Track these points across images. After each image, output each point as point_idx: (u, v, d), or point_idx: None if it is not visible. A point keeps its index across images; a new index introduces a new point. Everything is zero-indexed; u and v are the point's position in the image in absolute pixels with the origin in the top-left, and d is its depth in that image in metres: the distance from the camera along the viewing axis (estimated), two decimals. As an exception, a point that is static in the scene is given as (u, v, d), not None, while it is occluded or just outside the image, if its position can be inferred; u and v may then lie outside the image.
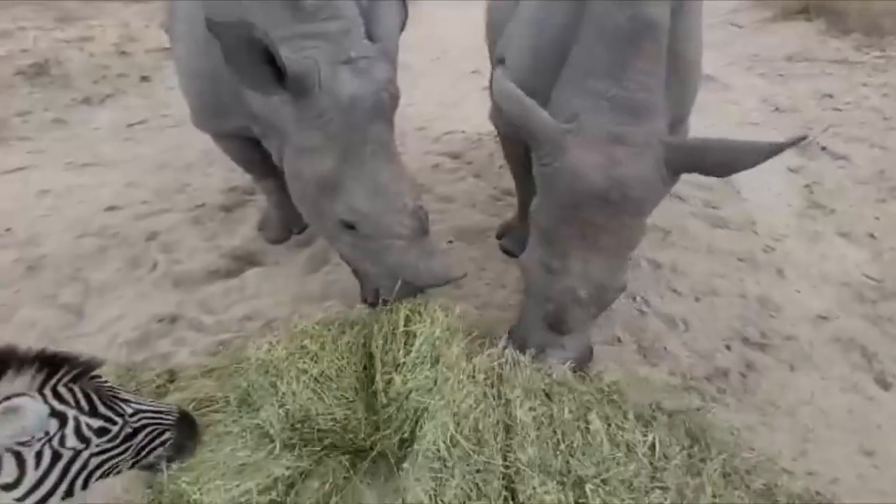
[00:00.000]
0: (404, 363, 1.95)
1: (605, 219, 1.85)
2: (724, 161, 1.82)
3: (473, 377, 1.98)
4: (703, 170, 1.85)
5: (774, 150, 1.77)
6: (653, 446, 1.90)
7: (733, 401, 2.46)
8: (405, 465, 1.78)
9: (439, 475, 1.69)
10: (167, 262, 3.06)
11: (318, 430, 1.89)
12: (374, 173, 2.04)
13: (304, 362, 1.96)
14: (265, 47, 1.73)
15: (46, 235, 3.21)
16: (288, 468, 1.81)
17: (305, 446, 1.89)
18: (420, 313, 2.11)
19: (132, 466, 1.61)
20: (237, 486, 1.68)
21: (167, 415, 1.66)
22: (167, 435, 1.65)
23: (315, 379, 1.93)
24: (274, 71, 1.81)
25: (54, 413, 1.35)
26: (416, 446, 1.78)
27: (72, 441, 1.37)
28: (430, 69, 6.02)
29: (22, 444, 1.30)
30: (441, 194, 3.84)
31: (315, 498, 1.82)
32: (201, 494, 1.64)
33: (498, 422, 1.90)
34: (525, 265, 2.19)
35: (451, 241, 3.38)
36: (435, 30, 7.42)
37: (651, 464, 1.86)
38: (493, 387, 2.02)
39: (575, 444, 1.86)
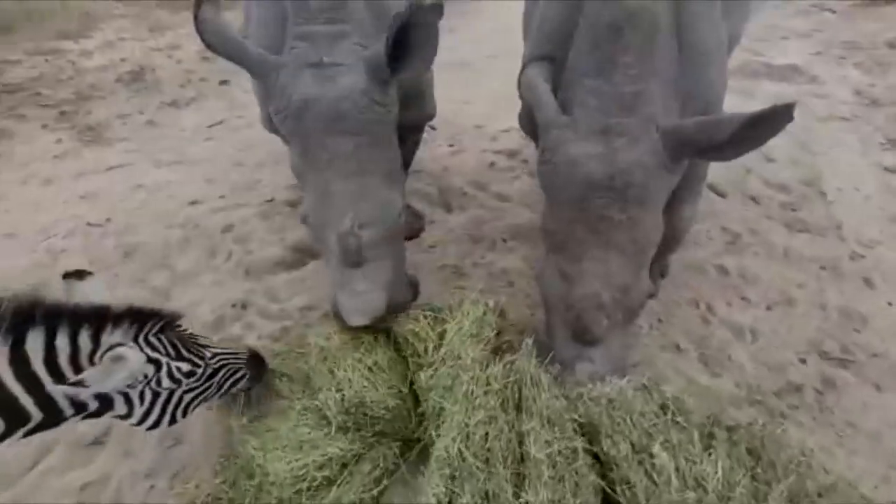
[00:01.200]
0: (431, 361, 1.98)
1: (612, 211, 1.82)
2: (706, 136, 1.73)
3: (489, 385, 1.85)
4: (699, 150, 1.78)
5: (752, 117, 1.61)
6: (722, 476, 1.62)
7: (807, 419, 2.28)
8: (424, 466, 1.79)
9: (449, 486, 1.64)
10: (240, 253, 3.32)
11: (371, 417, 1.98)
12: (324, 183, 1.96)
13: (360, 352, 2.06)
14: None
15: (140, 226, 3.58)
16: (342, 450, 1.91)
17: (359, 431, 1.99)
18: (451, 308, 2.14)
19: (218, 397, 1.87)
20: (297, 459, 1.81)
21: (240, 355, 1.89)
22: (242, 372, 1.89)
23: (369, 368, 2.03)
24: (244, 62, 1.95)
25: (150, 360, 1.56)
26: (433, 450, 1.77)
27: (166, 382, 1.60)
28: (488, 66, 6.02)
29: (129, 387, 1.53)
30: (496, 192, 3.84)
31: (366, 481, 1.93)
32: (266, 462, 1.79)
33: (509, 447, 1.72)
34: (540, 276, 2.10)
35: (504, 240, 3.39)
36: (495, 26, 7.39)
37: (718, 497, 1.60)
38: (509, 402, 1.84)
39: (636, 484, 1.60)
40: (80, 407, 1.49)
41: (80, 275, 1.61)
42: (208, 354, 1.76)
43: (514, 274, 3.08)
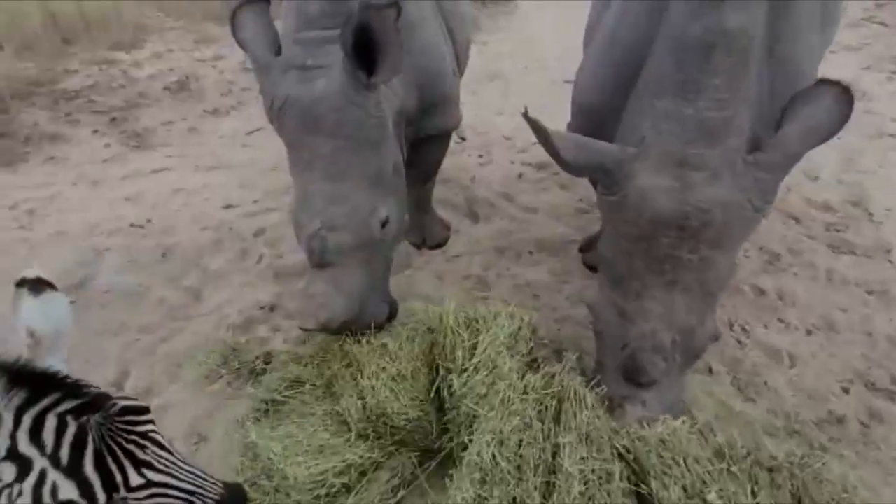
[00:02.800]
0: (465, 367, 1.96)
1: (683, 252, 1.64)
2: (806, 139, 1.62)
3: (525, 394, 1.82)
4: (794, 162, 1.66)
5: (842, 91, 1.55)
6: None
7: (850, 453, 2.14)
8: (454, 471, 1.78)
9: (480, 491, 1.63)
10: (270, 256, 3.40)
11: (392, 427, 1.98)
12: (303, 183, 1.98)
13: (384, 360, 2.07)
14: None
15: (177, 227, 3.73)
16: (361, 457, 1.91)
17: (379, 439, 1.99)
18: (485, 318, 2.11)
19: None
20: (316, 464, 1.82)
21: (202, 497, 1.09)
22: None
23: (393, 378, 2.02)
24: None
25: (15, 455, 0.93)
26: (464, 454, 1.77)
27: (26, 502, 0.93)
28: (521, 77, 6.02)
29: None
30: (524, 204, 3.82)
31: (383, 489, 1.92)
32: (286, 466, 1.80)
33: (542, 456, 1.69)
34: (595, 308, 1.97)
35: (531, 252, 3.35)
36: (529, 37, 7.41)
37: None
38: (547, 412, 1.80)
39: None
40: None
41: (37, 285, 1.14)
42: (135, 482, 0.99)
43: (540, 287, 3.04)
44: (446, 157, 3.20)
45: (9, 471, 0.93)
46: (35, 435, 0.94)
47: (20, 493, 0.93)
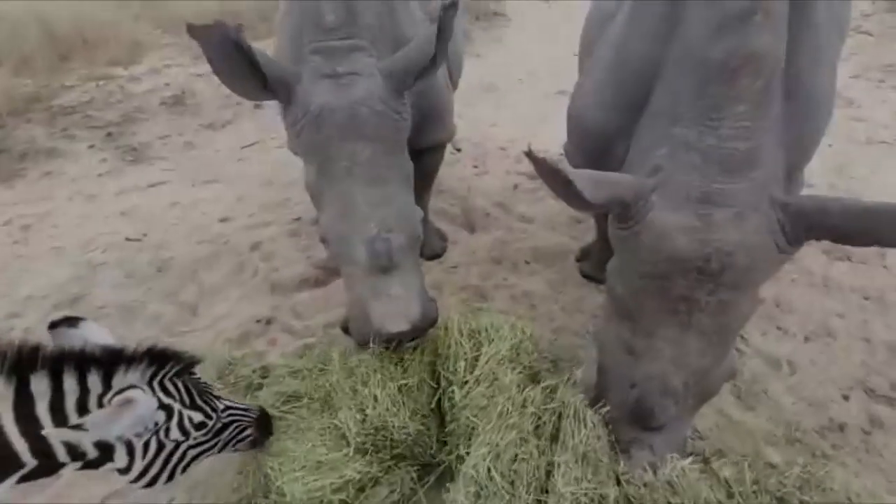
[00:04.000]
0: (466, 379, 1.94)
1: (701, 294, 1.48)
2: (860, 230, 1.38)
3: (524, 407, 1.78)
4: (835, 238, 1.45)
5: None
6: None
7: (852, 461, 2.13)
8: (451, 484, 1.76)
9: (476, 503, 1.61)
10: (267, 269, 3.39)
11: (392, 440, 1.95)
12: (343, 192, 1.94)
13: (386, 371, 2.05)
14: (245, 51, 1.73)
15: (173, 242, 3.72)
16: (359, 472, 1.88)
17: (377, 453, 1.96)
18: (487, 330, 2.09)
19: (217, 453, 1.70)
20: (314, 480, 1.78)
21: (249, 412, 1.75)
22: (248, 431, 1.74)
23: (398, 389, 2.00)
24: (259, 76, 1.84)
25: (162, 406, 1.44)
26: (462, 467, 1.74)
27: (175, 433, 1.47)
28: (515, 89, 6.08)
29: (138, 434, 1.40)
30: (520, 214, 3.83)
31: (382, 505, 1.88)
32: (283, 483, 1.77)
33: (536, 473, 1.65)
34: (601, 340, 1.84)
35: (527, 262, 3.35)
36: (522, 49, 7.50)
37: None
38: (545, 428, 1.76)
39: None
40: (77, 455, 1.36)
41: (71, 322, 1.47)
42: (221, 406, 1.63)
43: (537, 297, 3.04)
44: (442, 168, 3.22)
45: (161, 416, 1.45)
46: (166, 392, 1.47)
47: (168, 430, 1.47)
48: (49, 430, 1.28)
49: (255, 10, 7.42)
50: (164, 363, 1.47)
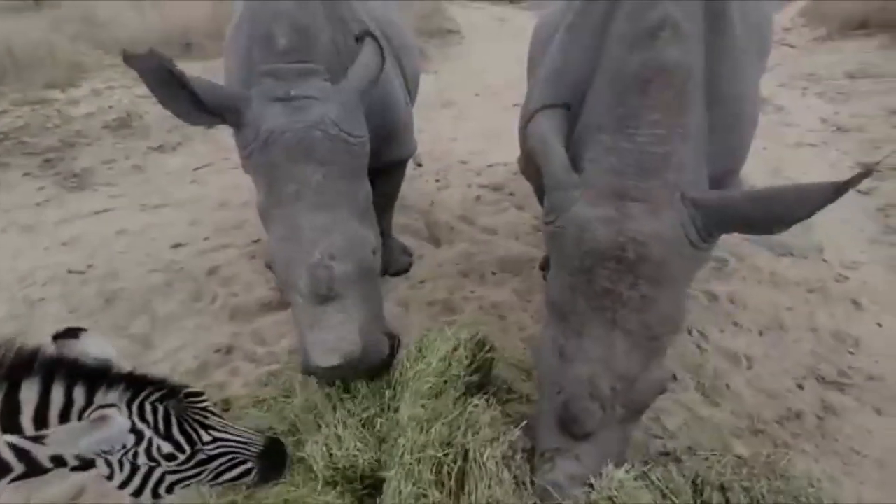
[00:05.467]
0: (388, 405, 1.91)
1: (623, 287, 1.56)
2: (771, 214, 1.51)
3: (422, 452, 1.68)
4: (746, 228, 1.59)
5: (837, 190, 1.42)
6: None
7: (811, 447, 2.23)
8: None
9: None
10: (225, 295, 3.25)
11: (362, 474, 1.86)
12: (290, 216, 1.89)
13: (349, 404, 1.97)
14: (179, 80, 1.73)
15: (122, 271, 3.50)
16: (331, 504, 1.79)
17: (349, 483, 1.88)
18: (427, 346, 2.03)
19: (214, 484, 1.61)
20: (283, 519, 1.69)
21: (250, 446, 1.61)
22: (249, 465, 1.60)
23: (362, 424, 1.93)
24: (200, 103, 1.83)
25: (133, 430, 1.43)
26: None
27: (142, 459, 1.45)
28: (473, 103, 6.20)
29: (105, 451, 1.40)
30: (484, 225, 3.86)
31: (357, 538, 1.80)
32: (247, 525, 1.67)
33: None
34: (536, 348, 1.86)
35: (494, 273, 3.37)
36: (478, 65, 7.67)
37: None
38: (452, 469, 1.65)
39: None
40: (58, 461, 1.39)
41: (72, 333, 1.50)
42: (206, 438, 1.53)
43: (505, 307, 3.05)
44: (404, 183, 3.21)
45: (131, 439, 1.42)
46: (142, 416, 1.44)
47: (136, 454, 1.44)
48: (8, 438, 1.29)
49: (202, 30, 7.24)
50: (145, 386, 1.48)
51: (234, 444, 1.59)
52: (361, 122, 2.06)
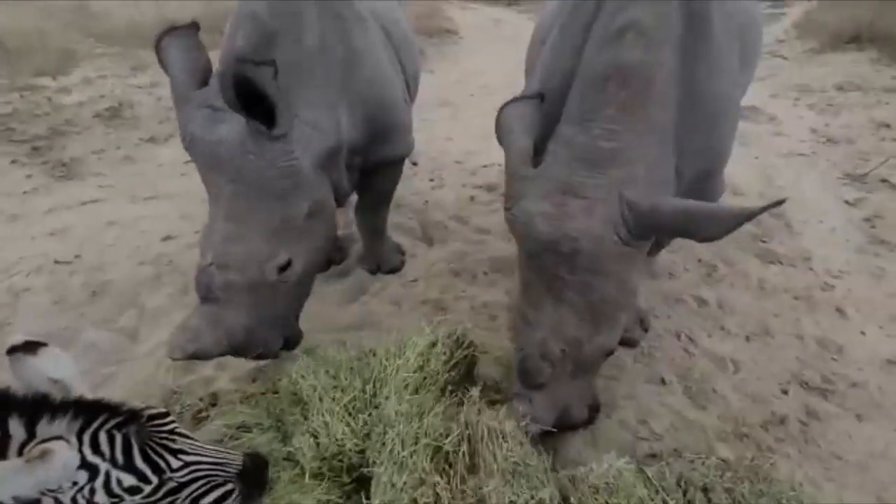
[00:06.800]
0: (370, 401, 1.92)
1: (562, 272, 1.72)
2: (682, 228, 1.63)
3: (416, 444, 1.71)
4: (665, 233, 1.72)
5: (742, 218, 1.52)
6: None
7: (794, 451, 2.26)
8: None
9: None
10: (215, 290, 3.21)
11: (350, 464, 1.87)
12: (210, 216, 2.00)
13: (336, 394, 1.97)
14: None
15: (111, 263, 3.45)
16: (318, 501, 1.79)
17: (336, 478, 1.87)
18: (406, 343, 2.08)
19: None
20: (270, 516, 1.68)
21: (227, 466, 1.48)
22: (228, 486, 1.47)
23: (348, 411, 1.93)
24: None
25: (84, 464, 1.26)
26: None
27: (100, 496, 1.27)
28: (468, 104, 6.21)
29: (52, 491, 1.22)
30: (477, 226, 3.87)
31: (345, 533, 1.79)
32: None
33: None
34: (511, 310, 2.10)
35: (486, 273, 3.38)
36: (474, 67, 7.68)
37: None
38: (454, 457, 1.69)
39: None
40: None
41: (30, 347, 1.35)
42: (175, 464, 1.37)
43: (497, 307, 3.06)
44: (399, 182, 3.20)
45: (83, 476, 1.25)
46: (95, 448, 1.28)
47: (93, 491, 1.26)
48: None
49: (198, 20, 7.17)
50: (96, 414, 1.30)
51: (208, 466, 1.44)
52: (275, 145, 1.92)
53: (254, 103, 1.79)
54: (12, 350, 1.33)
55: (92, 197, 4.23)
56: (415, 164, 4.76)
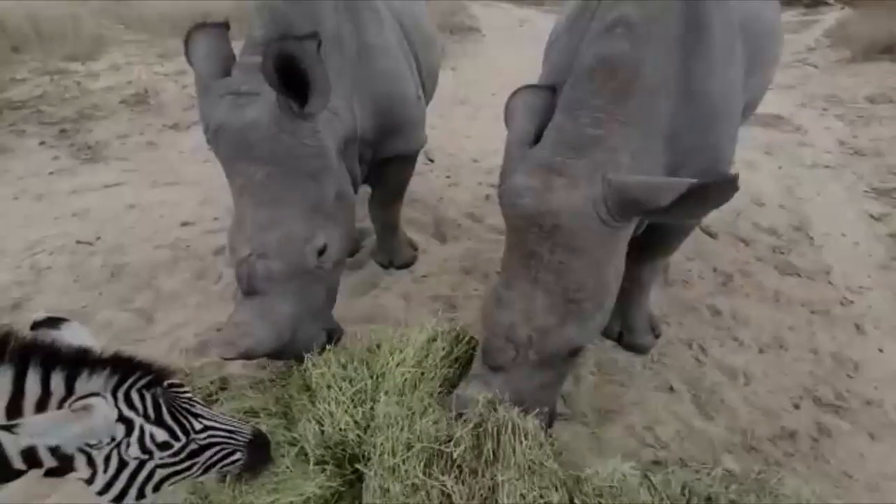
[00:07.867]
0: (370, 396, 1.92)
1: (544, 250, 1.78)
2: (645, 199, 1.66)
3: (409, 450, 1.68)
4: (644, 211, 1.69)
5: (687, 183, 1.57)
6: None
7: (802, 467, 2.22)
8: None
9: None
10: (229, 275, 3.26)
11: (352, 454, 1.89)
12: (238, 208, 1.96)
13: (343, 385, 1.99)
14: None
15: (130, 245, 3.54)
16: (321, 488, 1.81)
17: (339, 467, 1.89)
18: (405, 338, 2.07)
19: (202, 476, 1.53)
20: (273, 501, 1.70)
21: (239, 435, 1.54)
22: (237, 455, 1.54)
23: (353, 402, 1.94)
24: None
25: (121, 418, 1.31)
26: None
27: (134, 451, 1.33)
28: (488, 102, 6.19)
29: (90, 446, 1.28)
30: (491, 224, 3.86)
31: (346, 521, 1.81)
32: None
33: None
34: (485, 294, 2.11)
35: (497, 273, 3.37)
36: (495, 66, 7.65)
37: None
38: (478, 457, 1.65)
39: None
40: (31, 460, 1.25)
41: (52, 323, 1.39)
42: (198, 427, 1.44)
43: (507, 307, 3.05)
44: (414, 178, 3.21)
45: (120, 430, 1.31)
46: (130, 404, 1.33)
47: (129, 445, 1.32)
48: None
49: (225, 11, 7.27)
50: (129, 372, 1.35)
51: (224, 433, 1.50)
52: (307, 123, 1.96)
53: (286, 83, 1.82)
54: (36, 325, 1.37)
55: (115, 180, 4.33)
56: (431, 160, 4.77)
